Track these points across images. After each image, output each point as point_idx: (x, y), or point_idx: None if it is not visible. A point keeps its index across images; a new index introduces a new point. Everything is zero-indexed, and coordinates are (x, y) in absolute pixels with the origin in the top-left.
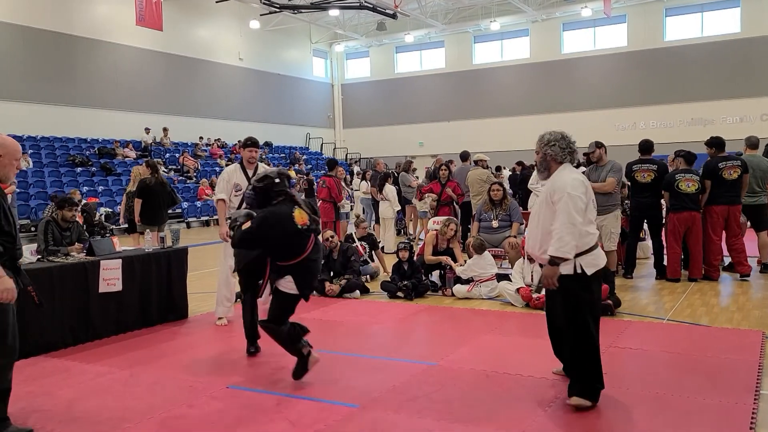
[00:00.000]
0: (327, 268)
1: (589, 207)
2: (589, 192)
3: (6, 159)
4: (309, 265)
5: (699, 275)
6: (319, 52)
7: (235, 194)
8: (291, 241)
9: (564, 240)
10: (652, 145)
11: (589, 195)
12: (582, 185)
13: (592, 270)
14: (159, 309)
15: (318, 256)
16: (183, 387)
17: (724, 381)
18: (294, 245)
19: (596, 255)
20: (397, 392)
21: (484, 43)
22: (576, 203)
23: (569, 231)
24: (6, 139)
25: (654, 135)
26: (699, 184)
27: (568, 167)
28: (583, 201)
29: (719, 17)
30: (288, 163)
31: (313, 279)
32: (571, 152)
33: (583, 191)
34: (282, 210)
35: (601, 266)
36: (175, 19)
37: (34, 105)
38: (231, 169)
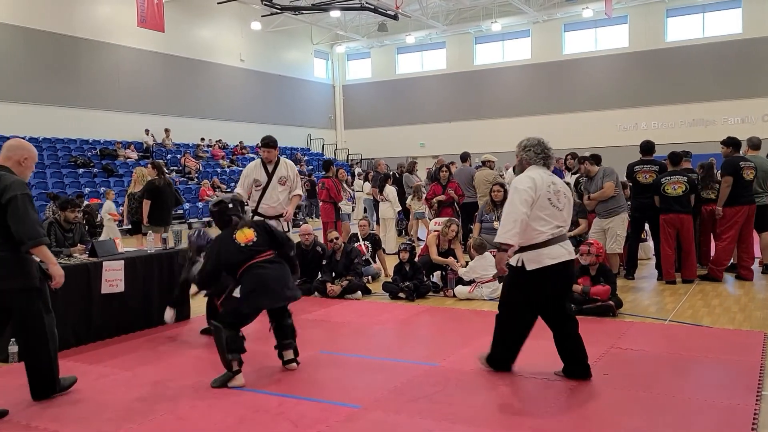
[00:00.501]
0: (329, 269)
1: (542, 205)
2: (541, 191)
3: (29, 162)
4: (257, 273)
5: (693, 276)
6: (320, 53)
7: (255, 189)
8: (235, 259)
9: (506, 227)
10: (653, 145)
11: (541, 193)
12: (531, 182)
13: (532, 266)
14: (161, 310)
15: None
16: (185, 388)
17: (725, 382)
18: (239, 262)
19: (541, 253)
20: (398, 393)
21: (486, 44)
22: (520, 195)
23: (512, 219)
24: (26, 143)
25: (655, 136)
26: (686, 186)
27: (535, 169)
28: (530, 195)
29: (721, 18)
30: None
31: (259, 293)
32: (545, 157)
33: (531, 186)
34: (225, 234)
35: (546, 264)
36: (176, 20)
37: (36, 106)
38: (252, 165)
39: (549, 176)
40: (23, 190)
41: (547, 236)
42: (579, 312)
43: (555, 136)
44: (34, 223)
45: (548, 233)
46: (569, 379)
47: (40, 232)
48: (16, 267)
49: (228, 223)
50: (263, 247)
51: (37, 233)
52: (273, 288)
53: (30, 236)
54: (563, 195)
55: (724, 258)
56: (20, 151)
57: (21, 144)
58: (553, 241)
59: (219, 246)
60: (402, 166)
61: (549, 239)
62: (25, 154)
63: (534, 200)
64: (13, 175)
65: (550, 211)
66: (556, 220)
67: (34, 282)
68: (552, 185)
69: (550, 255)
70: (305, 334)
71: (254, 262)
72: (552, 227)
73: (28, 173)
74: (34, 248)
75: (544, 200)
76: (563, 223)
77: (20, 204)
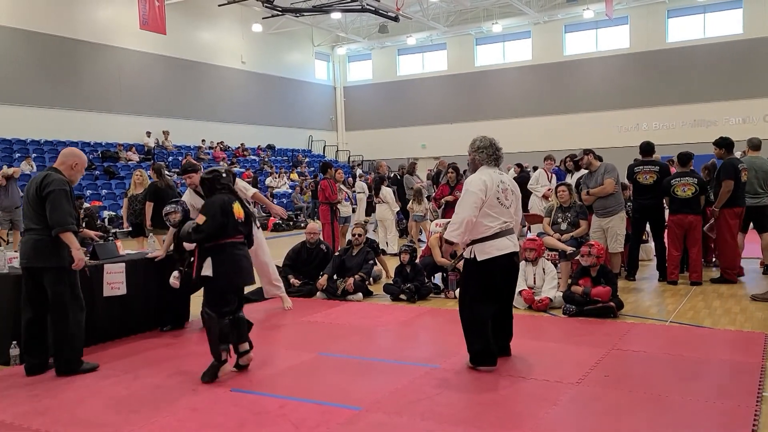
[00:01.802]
0: (341, 265)
1: (491, 204)
2: (491, 192)
3: (80, 167)
4: (232, 252)
5: (699, 278)
6: (321, 54)
7: None
8: (225, 222)
9: (454, 226)
10: (653, 146)
11: (491, 194)
12: (482, 183)
13: (483, 257)
14: (162, 312)
15: (244, 251)
16: (186, 390)
17: (726, 383)
18: (225, 228)
19: (490, 245)
20: (399, 395)
21: (486, 45)
22: (471, 198)
23: (459, 219)
24: (80, 151)
25: (656, 136)
26: (696, 188)
27: (485, 169)
28: (480, 198)
29: (722, 18)
30: (291, 165)
31: (235, 271)
32: (495, 158)
33: (482, 189)
34: (224, 197)
35: (495, 255)
36: (178, 22)
37: (38, 109)
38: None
39: (499, 175)
40: (62, 186)
41: (494, 230)
42: (580, 313)
43: (556, 136)
44: (65, 213)
45: (496, 228)
46: (567, 381)
47: (68, 220)
48: (50, 249)
49: (213, 193)
50: (243, 228)
51: (66, 221)
52: (246, 267)
53: (59, 223)
54: (511, 192)
55: (735, 259)
56: (72, 157)
57: (73, 152)
58: (500, 234)
59: (222, 207)
60: (403, 168)
61: (497, 233)
62: (76, 161)
63: (484, 202)
64: (58, 175)
65: (498, 209)
66: (504, 217)
67: (63, 263)
68: (501, 184)
69: (497, 246)
70: (306, 336)
71: (233, 241)
72: (500, 223)
73: (77, 176)
74: (61, 233)
75: (493, 200)
76: (510, 218)
77: (56, 196)
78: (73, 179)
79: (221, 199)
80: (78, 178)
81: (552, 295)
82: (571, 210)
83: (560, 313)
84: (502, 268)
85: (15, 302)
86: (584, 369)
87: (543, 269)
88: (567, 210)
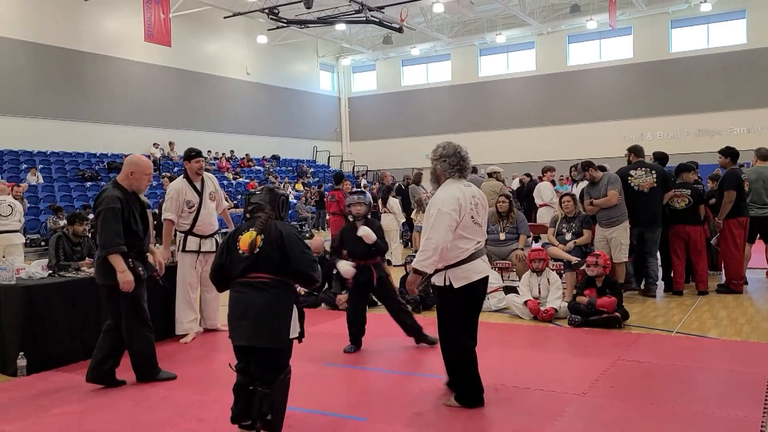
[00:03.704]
0: (339, 279)
1: (465, 224)
2: (465, 210)
3: (137, 174)
4: (234, 296)
5: (705, 288)
6: (325, 65)
7: (189, 212)
8: (229, 267)
9: (426, 254)
10: (667, 157)
11: (465, 211)
12: (456, 202)
13: (460, 283)
14: (167, 323)
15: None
16: (192, 401)
17: (732, 394)
18: (232, 271)
19: (467, 269)
20: (405, 406)
21: (490, 55)
22: (445, 220)
23: (432, 246)
24: (139, 158)
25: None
26: (689, 199)
27: (453, 182)
28: (454, 218)
29: (725, 29)
30: (295, 176)
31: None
32: (460, 169)
33: (456, 209)
34: (233, 232)
35: (474, 280)
36: (183, 34)
37: (44, 120)
38: (178, 185)
39: (469, 189)
40: (110, 204)
41: (470, 252)
42: (585, 324)
43: (560, 147)
44: (111, 234)
45: (471, 249)
46: (573, 392)
47: (115, 242)
48: (103, 268)
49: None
50: (262, 265)
51: (111, 243)
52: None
53: (104, 245)
54: (481, 207)
55: (741, 269)
56: (128, 166)
57: (130, 160)
58: (474, 256)
59: (225, 244)
60: (408, 178)
61: (472, 254)
62: (132, 168)
63: (458, 223)
64: (110, 190)
65: (472, 228)
66: (478, 236)
67: (113, 282)
68: (473, 198)
69: (475, 270)
70: (312, 347)
71: (242, 280)
72: (474, 243)
73: (140, 184)
74: (108, 255)
75: (468, 219)
76: (482, 237)
77: (103, 217)
78: (137, 188)
79: (230, 233)
80: (143, 185)
81: (557, 305)
82: (576, 220)
83: (565, 324)
84: (478, 292)
85: (23, 314)
86: (590, 380)
87: (548, 279)
88: (571, 220)
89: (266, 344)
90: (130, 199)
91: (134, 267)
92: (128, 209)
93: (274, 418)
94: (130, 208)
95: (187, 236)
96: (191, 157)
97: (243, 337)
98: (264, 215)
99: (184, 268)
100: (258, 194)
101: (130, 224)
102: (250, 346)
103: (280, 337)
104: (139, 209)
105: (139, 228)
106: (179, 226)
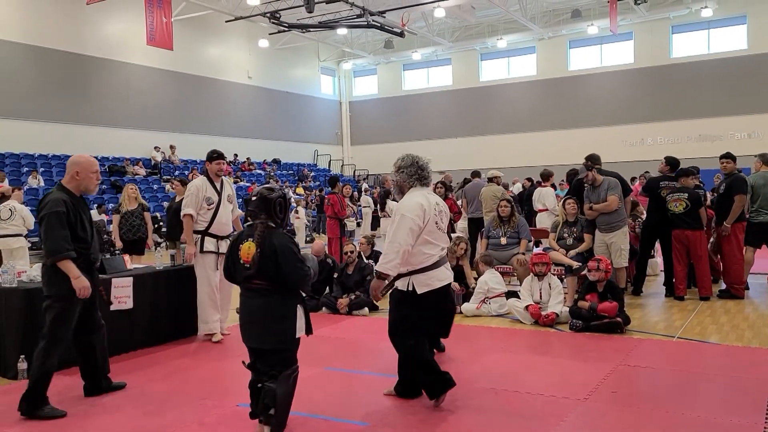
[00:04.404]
0: (340, 284)
1: (430, 229)
2: (429, 216)
3: (83, 174)
4: (242, 300)
5: (708, 293)
6: (327, 69)
7: (208, 208)
8: (228, 266)
9: (388, 257)
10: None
11: (429, 218)
12: (419, 208)
13: (423, 289)
14: (169, 326)
15: (251, 296)
16: (193, 405)
17: (734, 400)
18: (236, 278)
19: (431, 276)
20: (406, 411)
21: (491, 60)
22: (407, 225)
23: (395, 249)
24: (80, 157)
25: (662, 151)
26: (687, 203)
27: (417, 191)
28: (418, 225)
29: (726, 34)
30: (296, 179)
31: (241, 322)
32: (420, 178)
33: (420, 215)
34: (236, 238)
35: (436, 287)
36: (185, 38)
37: (46, 124)
38: (199, 183)
39: (432, 196)
40: (54, 208)
41: (435, 259)
42: (587, 328)
43: (561, 151)
44: (58, 240)
45: (436, 255)
46: (575, 397)
47: (63, 247)
48: (47, 276)
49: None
50: (261, 275)
51: (59, 249)
52: (245, 323)
53: (51, 252)
54: (444, 214)
55: (742, 274)
56: (72, 166)
57: (73, 159)
58: (439, 263)
59: (230, 249)
60: None
61: (436, 261)
62: (76, 168)
63: (421, 228)
64: (55, 193)
65: (436, 234)
66: (442, 242)
67: (55, 291)
68: (436, 206)
69: (438, 277)
70: (312, 351)
71: (247, 285)
72: (439, 249)
73: (86, 185)
74: (57, 263)
75: (432, 224)
76: (446, 243)
77: (47, 222)
78: (85, 189)
79: (234, 239)
80: (92, 185)
81: (558, 310)
82: (577, 224)
83: (567, 329)
84: (439, 299)
85: (24, 317)
86: (592, 385)
87: (549, 284)
88: (573, 225)
89: (272, 346)
90: (77, 203)
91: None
92: (75, 213)
93: (276, 414)
94: (77, 212)
95: (204, 237)
96: (212, 158)
97: (251, 339)
98: (261, 226)
99: (206, 270)
100: (253, 201)
101: (76, 230)
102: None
103: (285, 338)
104: (88, 214)
105: (87, 234)
106: (197, 224)
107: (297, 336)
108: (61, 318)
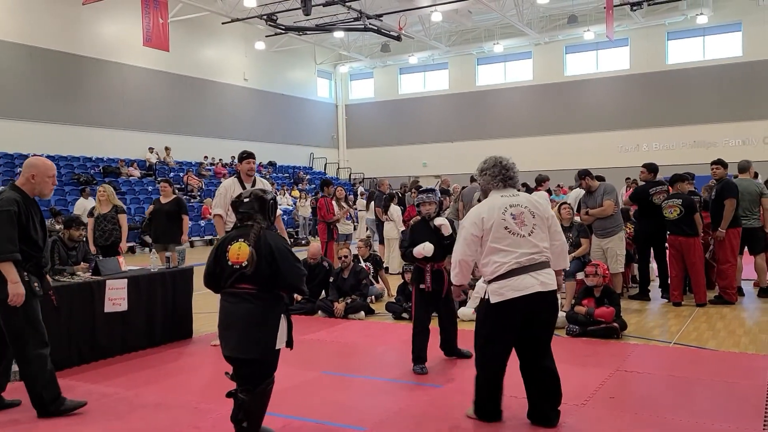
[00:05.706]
0: (336, 288)
1: (497, 236)
2: (491, 221)
3: (38, 177)
4: (223, 305)
5: (703, 300)
6: (323, 72)
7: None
8: (212, 271)
9: (452, 267)
10: (657, 168)
11: (493, 223)
12: (476, 216)
13: (496, 299)
14: (164, 329)
15: (234, 301)
16: (188, 408)
17: (731, 406)
18: (220, 280)
19: (504, 285)
20: (403, 415)
21: (488, 65)
22: (462, 235)
23: (454, 260)
24: (37, 159)
25: (656, 157)
26: (680, 209)
27: (496, 193)
28: (472, 234)
29: (721, 41)
30: (292, 182)
31: (220, 328)
32: (504, 178)
33: (476, 223)
34: (223, 238)
35: (509, 297)
36: (181, 39)
37: (41, 124)
38: (229, 182)
39: (508, 198)
40: (4, 207)
41: (509, 267)
42: (583, 333)
43: (556, 156)
44: (3, 240)
45: (511, 263)
46: (572, 403)
47: (7, 248)
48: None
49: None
50: (251, 278)
51: (2, 249)
52: (223, 330)
53: None
54: (531, 215)
55: (734, 279)
56: (28, 169)
57: (30, 162)
58: (519, 271)
59: (214, 252)
60: (405, 186)
61: (513, 269)
62: (33, 171)
63: (480, 237)
64: (7, 192)
65: (510, 240)
66: (522, 248)
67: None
68: (509, 208)
69: (513, 287)
70: (308, 355)
71: (229, 290)
72: (515, 256)
73: (41, 188)
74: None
75: (500, 230)
76: (533, 249)
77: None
78: (39, 192)
79: (220, 239)
80: (47, 189)
81: None
82: (572, 229)
83: (564, 334)
84: (524, 312)
85: None
86: (589, 390)
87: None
88: (568, 230)
89: (250, 355)
90: (30, 205)
91: (29, 281)
92: (27, 215)
93: (248, 426)
94: (29, 213)
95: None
96: (242, 158)
97: (229, 348)
98: (256, 227)
99: None
100: (247, 202)
101: (28, 232)
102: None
103: (264, 349)
104: (39, 217)
105: (38, 237)
106: (226, 225)
107: (277, 348)
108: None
